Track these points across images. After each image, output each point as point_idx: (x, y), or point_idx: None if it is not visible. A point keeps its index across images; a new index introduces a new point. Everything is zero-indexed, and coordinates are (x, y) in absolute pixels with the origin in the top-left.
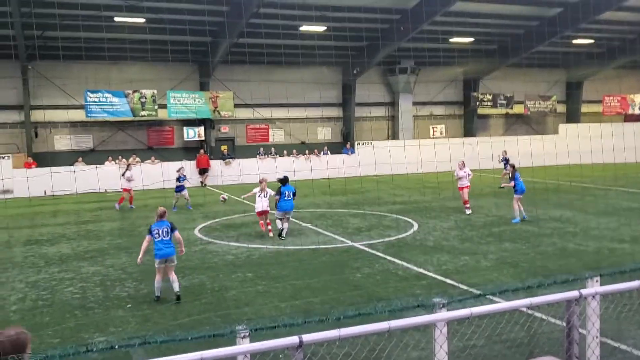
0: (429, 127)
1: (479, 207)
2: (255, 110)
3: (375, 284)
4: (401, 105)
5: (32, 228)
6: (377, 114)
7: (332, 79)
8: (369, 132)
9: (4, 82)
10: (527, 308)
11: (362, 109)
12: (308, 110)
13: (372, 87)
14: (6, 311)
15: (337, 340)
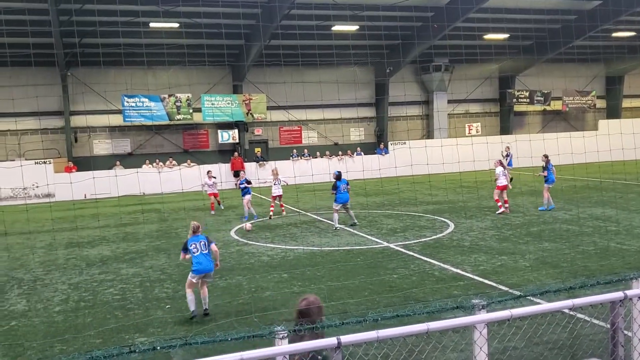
0: (465, 125)
1: (516, 206)
2: (288, 112)
3: (412, 285)
4: (436, 103)
5: (73, 231)
6: (411, 113)
7: (365, 78)
8: (403, 132)
9: (44, 89)
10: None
11: (395, 109)
12: (341, 110)
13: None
14: (50, 312)
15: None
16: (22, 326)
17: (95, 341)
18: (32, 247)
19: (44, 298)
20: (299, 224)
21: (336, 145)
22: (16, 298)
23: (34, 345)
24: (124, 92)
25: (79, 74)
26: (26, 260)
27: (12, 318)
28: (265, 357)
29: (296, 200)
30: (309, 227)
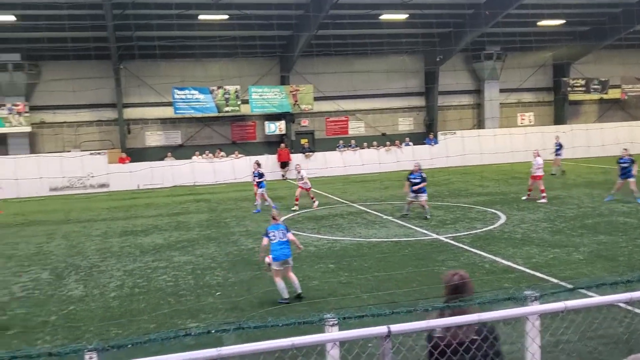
0: (517, 115)
1: (569, 197)
2: (335, 102)
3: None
4: (487, 92)
5: (127, 220)
6: (461, 102)
7: (414, 67)
8: (453, 121)
9: (98, 82)
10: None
11: (445, 98)
12: (389, 100)
13: (456, 75)
14: (106, 297)
15: (425, 332)
16: (80, 310)
17: (149, 326)
18: (88, 235)
19: (100, 284)
20: (346, 215)
21: (384, 135)
22: (74, 284)
23: (91, 328)
24: (174, 85)
25: (132, 67)
26: (83, 247)
27: (71, 302)
28: (316, 344)
29: (343, 191)
30: (356, 219)
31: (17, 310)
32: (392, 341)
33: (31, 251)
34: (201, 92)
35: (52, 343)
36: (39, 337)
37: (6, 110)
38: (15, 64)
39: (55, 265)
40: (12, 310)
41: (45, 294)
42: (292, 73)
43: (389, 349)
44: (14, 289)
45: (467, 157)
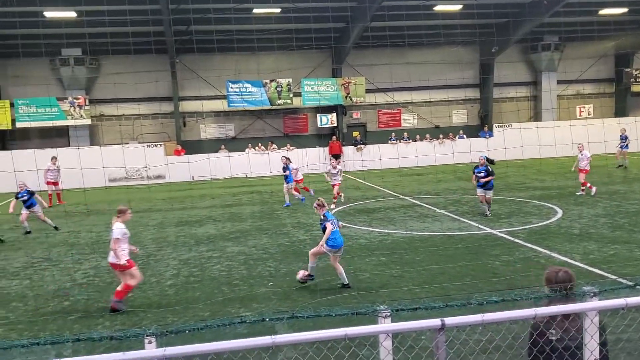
0: (576, 107)
1: (631, 192)
2: (387, 94)
3: (515, 272)
4: (544, 84)
5: (183, 210)
6: (517, 94)
7: (469, 58)
8: (509, 113)
9: (155, 75)
10: None
11: (500, 90)
12: (442, 92)
13: (512, 66)
14: (162, 285)
15: (480, 326)
16: (138, 297)
17: (203, 314)
18: (145, 224)
19: (156, 272)
20: (398, 208)
21: (437, 128)
22: None
23: (148, 315)
24: (228, 78)
25: (187, 61)
26: (140, 237)
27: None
28: (369, 335)
29: (395, 184)
30: (408, 212)
31: (78, 297)
32: (445, 334)
33: (92, 239)
34: (254, 85)
35: (111, 328)
36: (99, 323)
37: (68, 104)
38: (77, 58)
39: None
40: (74, 296)
41: (105, 281)
42: (345, 65)
43: (442, 342)
44: (75, 276)
45: (524, 150)
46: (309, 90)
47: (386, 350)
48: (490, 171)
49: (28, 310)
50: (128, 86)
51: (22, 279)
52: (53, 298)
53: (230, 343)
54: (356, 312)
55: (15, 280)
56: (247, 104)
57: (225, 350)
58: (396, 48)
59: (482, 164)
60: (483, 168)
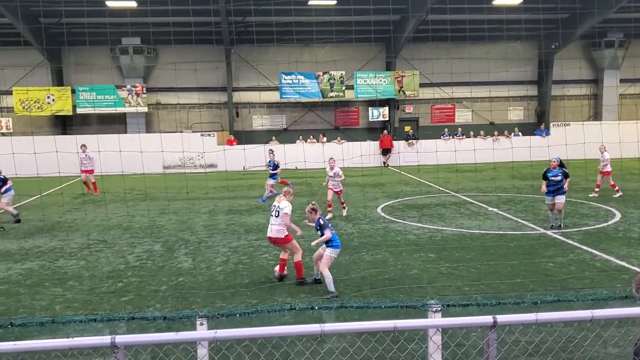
0: (639, 107)
1: None
2: (441, 89)
3: (569, 274)
4: (606, 82)
5: (233, 199)
6: (576, 92)
7: (527, 54)
8: (567, 112)
9: (210, 66)
10: None
11: (559, 87)
12: (498, 88)
13: (572, 63)
14: (212, 271)
15: (532, 326)
16: (188, 282)
17: (251, 301)
18: (197, 211)
19: (206, 258)
20: (448, 204)
21: (492, 124)
22: (183, 257)
23: (197, 300)
24: (281, 70)
25: (241, 51)
26: (192, 223)
27: (180, 274)
28: (418, 328)
29: (446, 180)
30: (459, 209)
31: (131, 279)
32: (497, 332)
33: (145, 224)
34: (307, 77)
35: (162, 310)
36: (150, 305)
37: (126, 91)
38: (136, 47)
39: (166, 239)
40: (127, 278)
41: (157, 265)
42: (398, 59)
43: (493, 340)
44: (129, 258)
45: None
46: (361, 83)
47: (435, 345)
48: (566, 173)
49: (83, 289)
50: (183, 75)
51: (79, 259)
52: (107, 279)
53: (280, 329)
54: (406, 305)
55: (72, 261)
56: (300, 96)
57: (274, 336)
58: (451, 42)
59: (555, 166)
60: (559, 171)
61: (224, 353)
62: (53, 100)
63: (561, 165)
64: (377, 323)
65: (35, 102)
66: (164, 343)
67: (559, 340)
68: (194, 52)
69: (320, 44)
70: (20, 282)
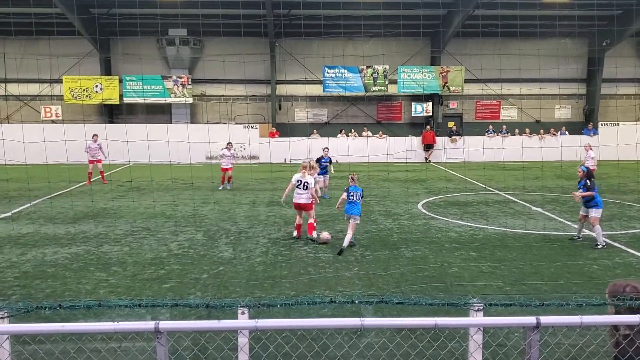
0: None
1: None
2: (486, 85)
3: (614, 277)
4: None
5: (273, 191)
6: (627, 91)
7: (576, 51)
8: (616, 111)
9: (255, 58)
10: None
11: (609, 86)
12: (546, 86)
13: (624, 61)
14: (252, 262)
15: (576, 328)
16: (228, 272)
17: (289, 292)
18: (238, 202)
19: (247, 249)
20: (491, 203)
21: (537, 122)
22: (224, 246)
23: (237, 289)
24: (324, 63)
25: (285, 44)
26: (233, 213)
27: (221, 264)
28: (460, 327)
29: (489, 178)
30: (502, 207)
31: (173, 266)
32: (540, 334)
33: (188, 213)
34: (350, 71)
35: (202, 298)
36: (191, 292)
37: (172, 82)
38: (182, 38)
39: (208, 228)
40: (170, 265)
41: (198, 254)
42: (443, 54)
43: (536, 341)
44: (171, 246)
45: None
46: (405, 78)
47: (476, 344)
48: (589, 186)
49: (127, 275)
50: (228, 67)
51: (123, 245)
52: (150, 265)
53: (321, 321)
54: (447, 303)
55: (117, 247)
56: (342, 90)
57: (314, 328)
58: (498, 38)
59: (581, 176)
60: (582, 182)
61: (264, 343)
62: (101, 89)
63: (588, 176)
64: (418, 320)
65: (84, 90)
66: (206, 330)
67: (603, 345)
68: (239, 44)
69: (364, 38)
70: (66, 266)
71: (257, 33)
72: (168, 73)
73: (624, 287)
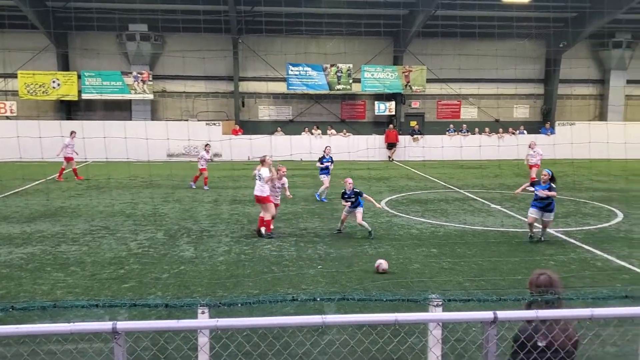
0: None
1: None
2: (448, 85)
3: (569, 272)
4: (612, 83)
5: (236, 189)
6: (582, 92)
7: (534, 52)
8: (572, 111)
9: (217, 55)
10: None
11: (566, 86)
12: (505, 86)
13: (579, 63)
14: (214, 261)
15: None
16: (190, 271)
17: (253, 291)
18: (200, 200)
19: (209, 248)
20: (452, 200)
21: (497, 122)
22: (185, 245)
23: (199, 289)
24: (288, 61)
25: (248, 41)
26: (195, 212)
27: (182, 263)
28: (419, 322)
29: (450, 176)
30: (462, 205)
31: (133, 266)
32: (497, 328)
33: (148, 212)
34: (314, 69)
35: (163, 298)
36: (152, 292)
37: (132, 78)
38: (143, 34)
39: (169, 227)
40: (129, 265)
41: (159, 253)
42: (406, 53)
43: (493, 336)
44: (131, 245)
45: (587, 150)
46: (368, 77)
47: (435, 339)
48: (554, 188)
49: (85, 275)
50: (190, 64)
51: (81, 245)
52: (109, 265)
53: (281, 319)
54: (407, 299)
55: (74, 246)
56: (307, 88)
57: (275, 326)
58: (459, 39)
59: (546, 180)
60: (547, 185)
61: (224, 342)
62: (58, 85)
63: (552, 179)
64: (379, 316)
65: (40, 86)
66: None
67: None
68: (202, 41)
69: (327, 37)
70: (21, 267)
71: (219, 29)
72: (128, 69)
73: (539, 276)
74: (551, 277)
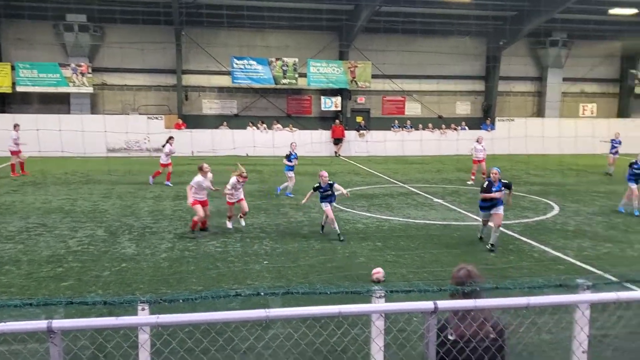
0: (579, 105)
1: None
2: (393, 81)
3: (508, 263)
4: (549, 80)
5: (180, 185)
6: (522, 89)
7: (476, 50)
8: (512, 107)
9: (159, 47)
10: None
11: (506, 83)
12: (447, 83)
13: (518, 60)
14: (157, 258)
15: (472, 312)
16: (131, 268)
17: (197, 287)
18: (142, 197)
19: (151, 244)
20: (396, 195)
21: (440, 118)
22: (127, 242)
23: (141, 286)
24: (233, 54)
25: (192, 34)
26: (137, 208)
27: (123, 260)
28: (362, 314)
29: (395, 171)
30: (406, 199)
31: (72, 264)
32: (437, 318)
33: (88, 208)
34: (259, 63)
35: (103, 296)
36: (92, 290)
37: (70, 70)
38: (81, 24)
39: (109, 224)
40: (68, 263)
41: (99, 250)
42: (351, 49)
43: (434, 325)
44: (70, 243)
45: (525, 145)
46: (314, 72)
47: (378, 330)
48: (508, 185)
49: (21, 274)
50: (131, 56)
51: (16, 243)
52: (46, 263)
53: (224, 314)
54: (351, 291)
55: (9, 244)
56: (252, 82)
57: (218, 321)
58: (403, 35)
59: (496, 179)
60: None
61: (166, 339)
62: None
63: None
64: (322, 308)
65: None
66: (104, 328)
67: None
68: (143, 33)
69: (272, 30)
70: None
71: (162, 21)
72: (66, 61)
73: (459, 270)
74: (470, 271)
